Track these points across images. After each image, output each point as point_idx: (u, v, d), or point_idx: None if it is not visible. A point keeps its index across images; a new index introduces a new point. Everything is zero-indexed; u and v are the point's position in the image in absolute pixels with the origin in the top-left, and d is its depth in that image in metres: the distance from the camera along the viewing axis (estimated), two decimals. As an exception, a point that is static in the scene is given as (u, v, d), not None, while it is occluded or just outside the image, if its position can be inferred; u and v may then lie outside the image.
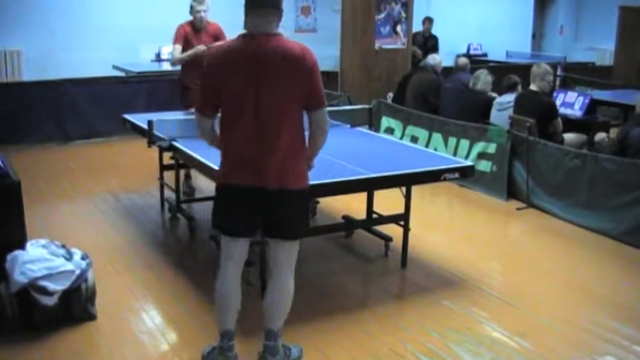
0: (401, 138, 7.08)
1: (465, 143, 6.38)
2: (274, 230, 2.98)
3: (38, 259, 3.41)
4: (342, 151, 4.25)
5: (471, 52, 13.53)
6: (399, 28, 8.79)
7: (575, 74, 10.93)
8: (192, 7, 5.95)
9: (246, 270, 4.09)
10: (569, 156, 5.43)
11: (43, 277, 3.35)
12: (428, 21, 10.96)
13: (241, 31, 2.91)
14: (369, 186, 4.13)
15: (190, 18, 5.99)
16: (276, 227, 2.97)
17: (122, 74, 8.97)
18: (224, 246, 3.02)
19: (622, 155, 5.25)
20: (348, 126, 5.26)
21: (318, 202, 5.34)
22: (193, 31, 5.98)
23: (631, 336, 3.58)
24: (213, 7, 6.12)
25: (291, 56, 2.79)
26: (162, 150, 4.89)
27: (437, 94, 7.53)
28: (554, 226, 5.37)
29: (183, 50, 5.93)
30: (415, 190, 4.41)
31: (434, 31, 10.98)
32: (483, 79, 7.01)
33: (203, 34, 6.00)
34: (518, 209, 5.74)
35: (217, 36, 6.07)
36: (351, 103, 7.44)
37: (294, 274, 3.07)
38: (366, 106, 5.66)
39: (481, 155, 6.19)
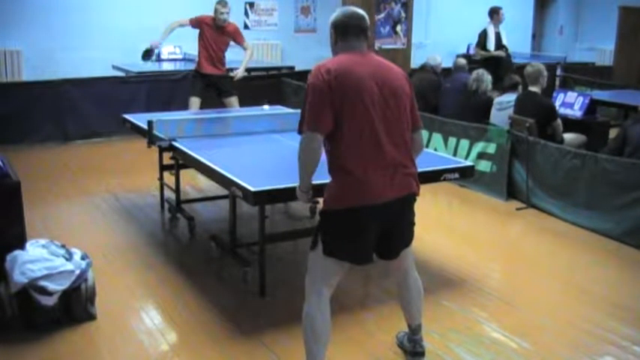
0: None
1: (464, 143, 6.38)
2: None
3: (38, 259, 3.41)
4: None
5: (471, 52, 13.51)
6: (398, 28, 8.80)
7: (575, 74, 10.92)
8: (216, 10, 6.82)
9: (244, 270, 4.10)
10: (569, 156, 5.43)
11: (43, 277, 3.35)
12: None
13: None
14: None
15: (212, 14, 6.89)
16: None
17: (122, 74, 8.97)
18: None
19: (620, 152, 5.24)
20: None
21: (317, 202, 5.33)
22: (214, 27, 6.88)
23: (631, 336, 3.58)
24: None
25: (400, 74, 2.92)
26: (162, 150, 4.89)
27: (437, 95, 7.53)
28: (553, 226, 5.37)
29: (200, 37, 6.91)
30: (415, 190, 4.40)
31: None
32: (483, 79, 7.01)
33: (221, 32, 6.93)
34: (517, 209, 5.74)
35: (234, 36, 7.03)
36: None
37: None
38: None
39: (481, 155, 6.19)
